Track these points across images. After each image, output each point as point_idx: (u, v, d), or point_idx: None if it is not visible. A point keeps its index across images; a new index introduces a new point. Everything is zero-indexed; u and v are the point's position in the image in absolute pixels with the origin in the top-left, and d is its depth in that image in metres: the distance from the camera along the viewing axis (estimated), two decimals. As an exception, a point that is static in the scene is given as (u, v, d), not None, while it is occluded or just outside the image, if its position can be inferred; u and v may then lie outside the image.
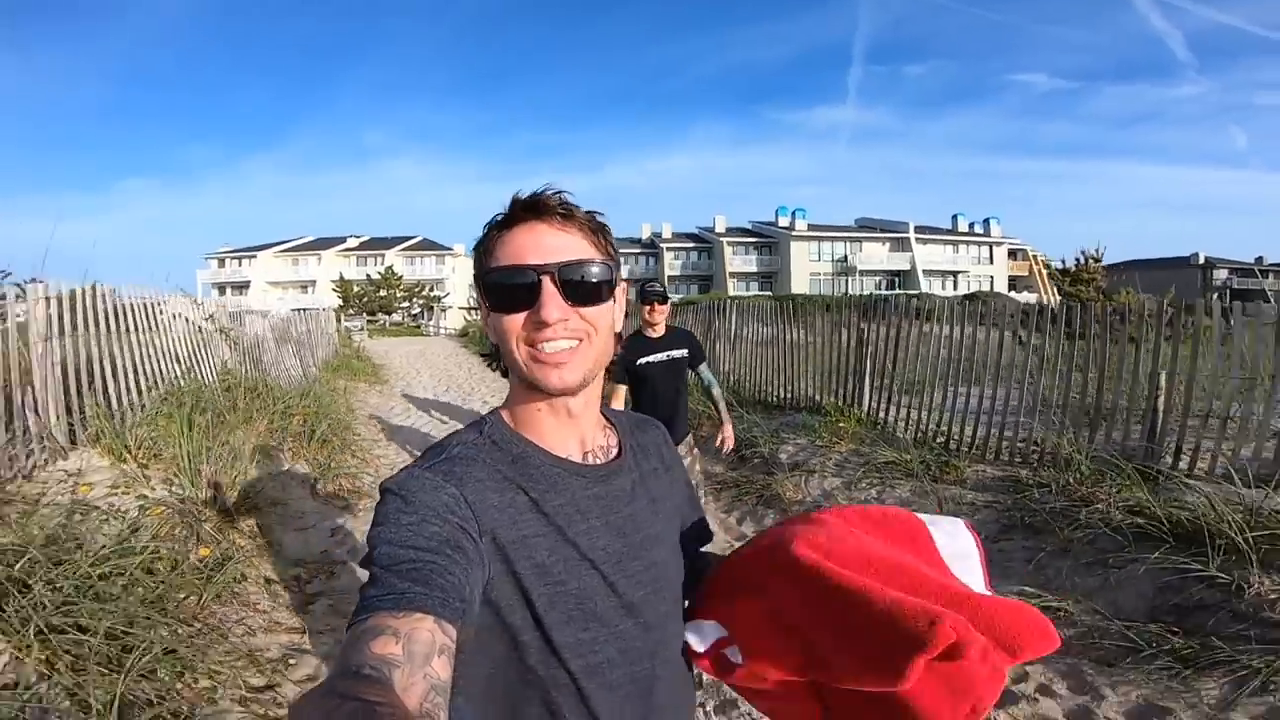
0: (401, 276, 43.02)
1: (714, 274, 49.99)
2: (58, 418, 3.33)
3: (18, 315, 3.26)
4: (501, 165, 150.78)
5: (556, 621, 0.64)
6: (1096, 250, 20.21)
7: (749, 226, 52.98)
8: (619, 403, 2.78)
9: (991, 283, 47.05)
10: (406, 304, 42.28)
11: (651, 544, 0.73)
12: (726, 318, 7.59)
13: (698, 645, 0.75)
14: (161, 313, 4.52)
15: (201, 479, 3.28)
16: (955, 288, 45.69)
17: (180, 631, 2.21)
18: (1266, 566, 2.63)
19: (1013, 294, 45.55)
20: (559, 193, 0.68)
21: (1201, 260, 51.08)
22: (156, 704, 1.85)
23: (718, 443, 3.23)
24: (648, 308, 2.88)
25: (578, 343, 0.67)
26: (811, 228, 49.84)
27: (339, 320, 18.89)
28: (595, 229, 0.70)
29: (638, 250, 51.49)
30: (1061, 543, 3.23)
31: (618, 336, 0.75)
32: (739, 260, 49.82)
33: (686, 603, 0.80)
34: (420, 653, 0.48)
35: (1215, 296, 4.20)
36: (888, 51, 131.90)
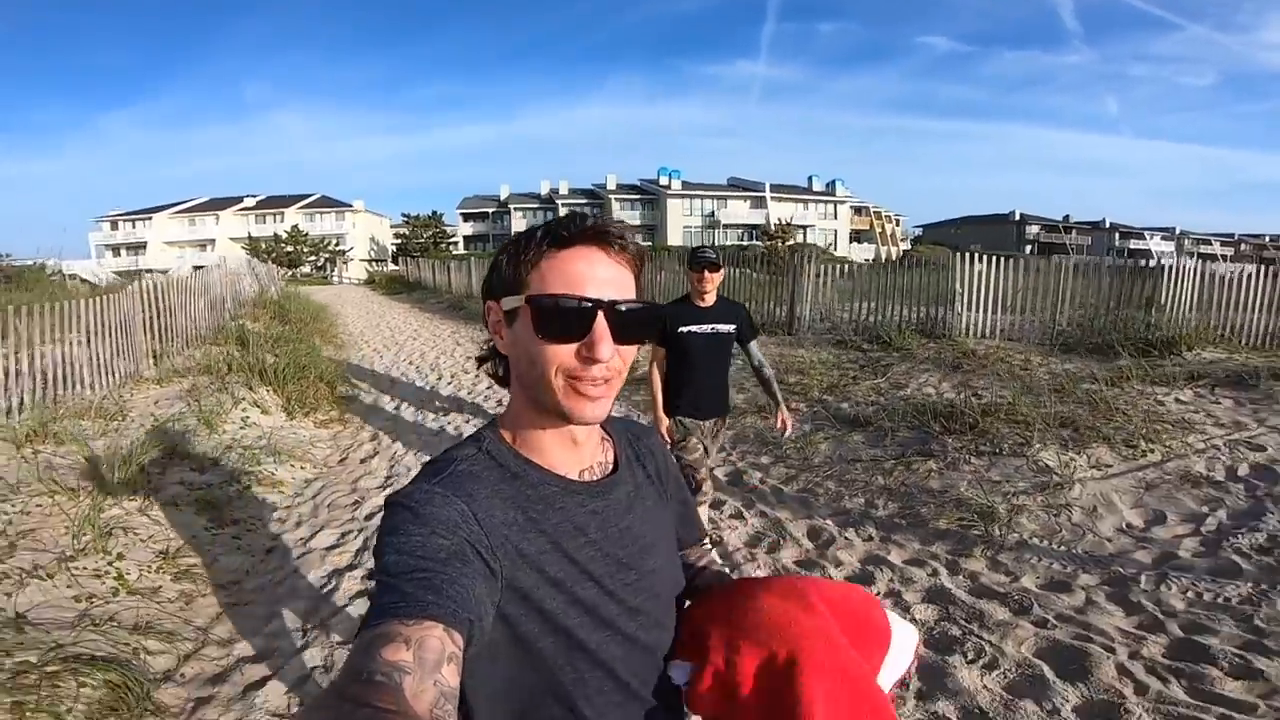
0: (307, 233, 46.22)
1: (604, 227, 55.51)
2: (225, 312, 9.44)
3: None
4: (402, 117, 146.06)
5: (573, 626, 0.66)
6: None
7: (636, 183, 58.99)
8: (659, 366, 2.79)
9: (835, 236, 56.16)
10: (313, 258, 45.76)
11: (648, 553, 0.76)
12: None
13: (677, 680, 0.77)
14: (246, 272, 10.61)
15: (291, 319, 9.57)
16: (804, 239, 54.13)
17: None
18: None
19: (854, 245, 55.21)
20: (620, 223, 0.68)
21: (1017, 217, 62.00)
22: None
23: (778, 426, 3.00)
24: (697, 275, 2.67)
25: (612, 378, 0.67)
26: (685, 186, 56.60)
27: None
28: (641, 265, 0.69)
29: (535, 205, 56.48)
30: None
31: None
32: (625, 214, 55.27)
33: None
34: (431, 660, 0.49)
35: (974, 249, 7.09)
36: (801, 8, 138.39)
